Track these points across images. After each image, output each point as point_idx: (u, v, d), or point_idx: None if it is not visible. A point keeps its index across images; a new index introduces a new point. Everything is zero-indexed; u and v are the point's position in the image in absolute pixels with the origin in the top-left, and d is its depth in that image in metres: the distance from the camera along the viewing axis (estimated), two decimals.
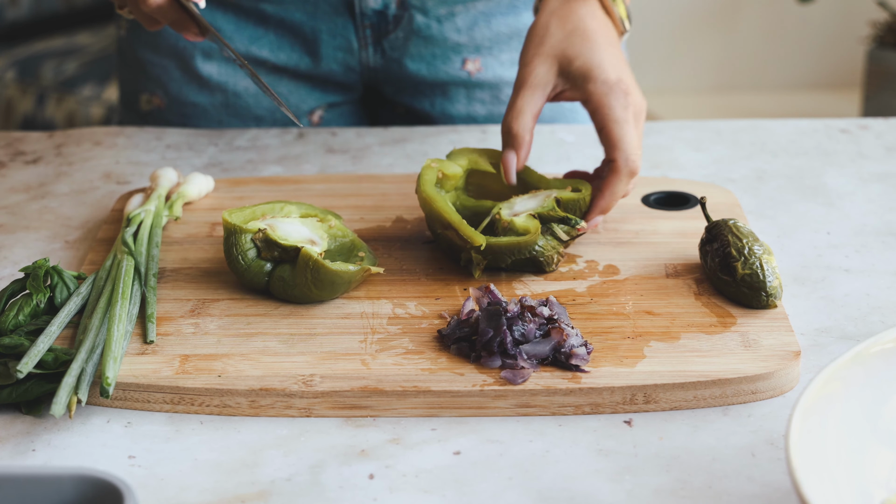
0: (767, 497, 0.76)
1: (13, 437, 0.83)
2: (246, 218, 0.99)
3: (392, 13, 1.30)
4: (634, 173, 1.01)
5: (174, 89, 1.36)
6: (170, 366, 0.88)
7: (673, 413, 0.85)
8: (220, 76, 1.34)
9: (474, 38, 1.32)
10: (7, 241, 1.10)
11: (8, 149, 1.31)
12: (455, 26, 1.31)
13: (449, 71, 1.33)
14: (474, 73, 1.34)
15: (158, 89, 1.37)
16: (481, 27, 1.32)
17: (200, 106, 1.36)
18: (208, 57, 1.33)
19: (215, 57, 1.33)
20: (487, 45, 1.33)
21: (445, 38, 1.32)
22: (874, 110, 2.97)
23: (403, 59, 1.32)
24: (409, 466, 0.80)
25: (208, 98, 1.35)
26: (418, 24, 1.30)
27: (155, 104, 1.38)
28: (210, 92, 1.35)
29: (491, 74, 1.34)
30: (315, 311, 0.95)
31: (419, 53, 1.32)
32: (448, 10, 1.30)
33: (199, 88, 1.35)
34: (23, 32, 3.18)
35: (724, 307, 0.94)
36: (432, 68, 1.33)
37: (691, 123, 1.35)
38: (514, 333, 0.88)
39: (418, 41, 1.31)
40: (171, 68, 1.35)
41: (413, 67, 1.33)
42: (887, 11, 3.04)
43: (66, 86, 2.90)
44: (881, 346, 0.76)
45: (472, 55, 1.33)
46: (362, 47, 1.32)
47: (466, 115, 1.35)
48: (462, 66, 1.33)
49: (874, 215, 1.13)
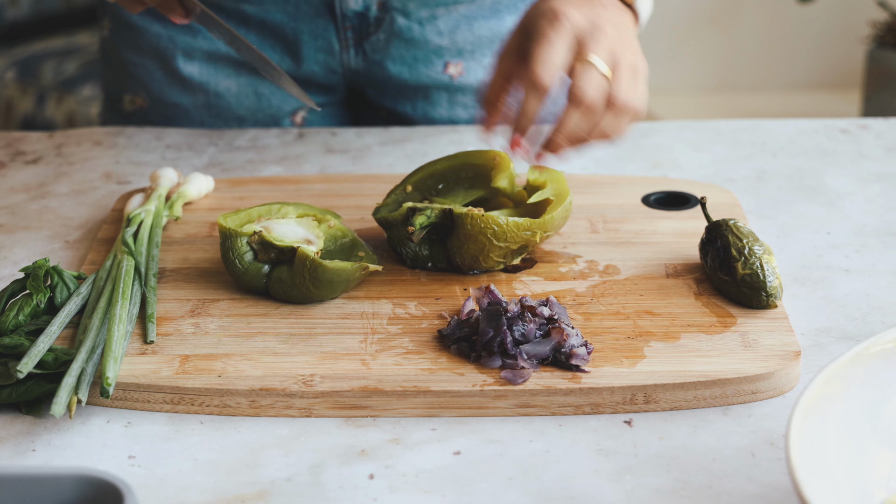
0: (767, 497, 0.76)
1: (13, 437, 0.83)
2: (241, 221, 0.99)
3: (373, 15, 1.29)
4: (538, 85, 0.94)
5: (156, 90, 1.36)
6: (170, 366, 0.88)
7: (673, 413, 0.85)
8: (202, 76, 1.34)
9: (456, 41, 1.32)
10: (7, 241, 1.10)
11: (8, 149, 1.31)
12: (437, 29, 1.31)
13: (431, 74, 1.33)
14: (456, 77, 1.33)
15: (141, 90, 1.37)
16: (463, 31, 1.31)
17: (182, 106, 1.35)
18: (189, 57, 1.33)
19: (196, 57, 1.33)
20: (469, 49, 1.32)
21: (427, 41, 1.31)
22: (874, 110, 2.97)
23: (385, 62, 1.32)
24: (409, 466, 0.80)
25: (190, 98, 1.35)
26: (399, 27, 1.30)
27: (138, 104, 1.38)
28: (192, 92, 1.35)
29: (473, 78, 1.33)
30: (315, 311, 0.95)
31: (401, 56, 1.32)
32: (430, 13, 1.30)
33: (180, 89, 1.35)
34: (23, 32, 3.18)
35: (724, 307, 0.94)
36: (414, 71, 1.33)
37: (691, 123, 1.35)
38: (514, 333, 0.88)
39: (400, 44, 1.31)
40: (153, 69, 1.35)
41: (395, 70, 1.32)
42: (887, 11, 3.04)
43: (66, 86, 2.90)
44: (881, 346, 0.76)
45: (455, 59, 1.32)
46: (343, 49, 1.31)
47: (448, 118, 1.35)
48: (444, 69, 1.33)
49: (874, 215, 1.13)
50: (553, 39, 0.95)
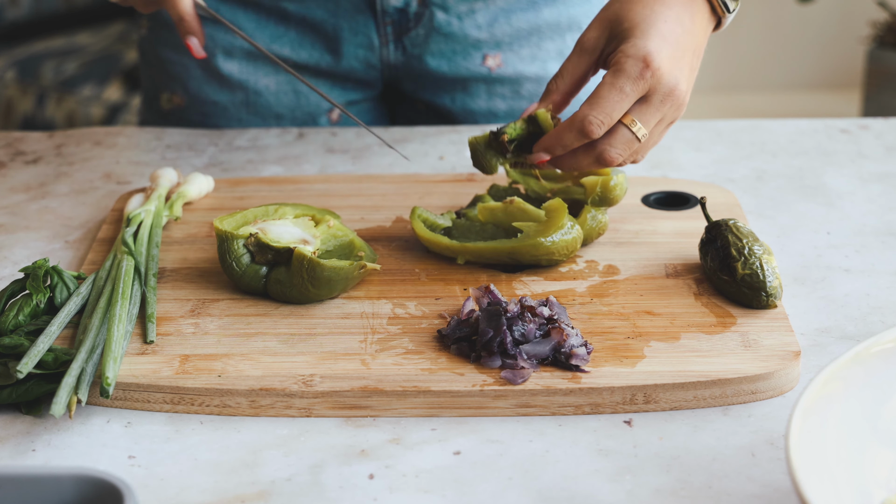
0: (767, 497, 0.76)
1: (13, 437, 0.83)
2: (237, 223, 0.99)
3: (413, 10, 1.30)
4: (585, 133, 0.94)
5: (194, 88, 1.36)
6: (170, 366, 0.88)
7: (673, 413, 0.85)
8: (241, 74, 1.34)
9: (494, 34, 1.33)
10: (7, 241, 1.10)
11: (8, 149, 1.31)
12: (475, 23, 1.32)
13: (469, 67, 1.34)
14: (494, 69, 1.34)
15: (179, 88, 1.38)
16: (501, 23, 1.32)
17: (220, 104, 1.36)
18: (230, 55, 1.34)
19: (236, 55, 1.33)
20: (507, 41, 1.33)
21: (466, 35, 1.32)
22: (874, 110, 2.97)
23: (424, 56, 1.33)
24: (409, 466, 0.80)
25: (229, 96, 1.35)
26: (439, 22, 1.31)
27: (175, 103, 1.39)
28: (231, 90, 1.35)
29: (511, 70, 1.34)
30: (315, 311, 0.95)
31: (439, 50, 1.32)
32: (468, 7, 1.31)
33: (219, 87, 1.35)
34: (23, 32, 3.18)
35: (724, 307, 0.94)
36: (453, 64, 1.33)
37: (691, 123, 1.35)
38: (514, 333, 0.88)
39: (439, 38, 1.32)
40: (191, 67, 1.36)
41: (433, 64, 1.33)
42: (887, 11, 3.04)
43: (66, 86, 2.90)
44: (881, 346, 0.76)
45: (493, 51, 1.33)
46: (383, 45, 1.32)
47: (487, 110, 1.36)
48: (482, 61, 1.33)
49: (874, 215, 1.13)
50: (626, 91, 0.94)
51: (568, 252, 0.99)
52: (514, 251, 0.98)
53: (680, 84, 0.96)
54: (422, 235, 1.02)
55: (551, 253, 0.98)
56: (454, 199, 1.13)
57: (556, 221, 0.98)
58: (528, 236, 0.98)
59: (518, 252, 0.98)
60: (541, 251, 0.98)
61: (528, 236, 0.98)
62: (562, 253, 0.98)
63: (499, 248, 0.99)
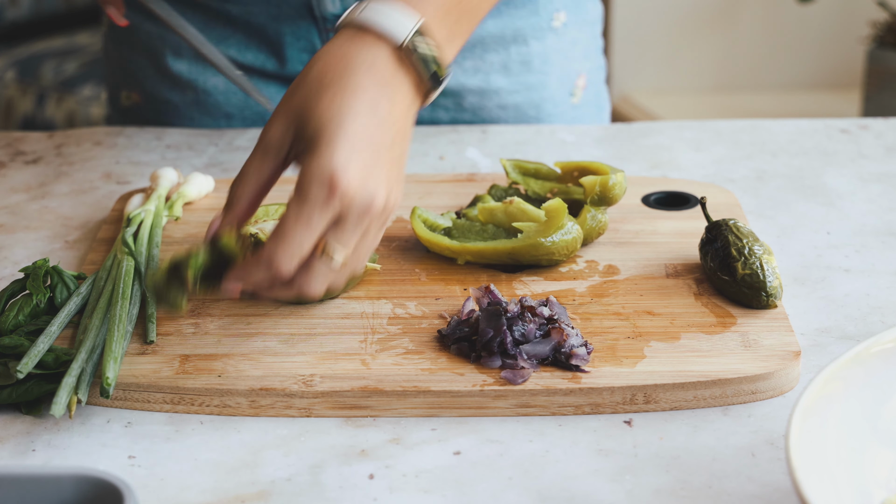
0: (767, 497, 0.76)
1: (13, 437, 0.83)
2: None
3: None
4: (274, 274, 0.83)
5: (149, 86, 1.37)
6: (170, 366, 0.88)
7: (673, 413, 0.85)
8: (191, 73, 1.34)
9: None
10: (7, 241, 1.10)
11: (8, 149, 1.31)
12: None
13: None
14: None
15: (136, 86, 1.39)
16: None
17: (173, 103, 1.36)
18: (178, 55, 1.34)
19: (185, 55, 1.34)
20: None
21: None
22: (874, 110, 2.97)
23: None
24: (409, 466, 0.80)
25: (180, 95, 1.36)
26: None
27: (133, 100, 1.40)
28: (181, 89, 1.35)
29: (454, 82, 1.33)
30: (315, 311, 0.95)
31: None
32: None
33: (171, 86, 1.36)
34: (23, 32, 3.18)
35: (724, 307, 0.94)
36: None
37: (691, 123, 1.35)
38: (514, 333, 0.88)
39: None
40: (145, 65, 1.36)
41: None
42: (887, 11, 3.04)
43: (66, 86, 2.90)
44: (881, 346, 0.76)
45: None
46: None
47: (430, 121, 1.35)
48: None
49: (874, 215, 1.13)
50: (314, 222, 0.82)
51: (568, 252, 0.99)
52: (514, 251, 0.99)
53: (377, 196, 0.84)
54: (422, 236, 1.03)
55: (551, 253, 0.98)
56: (454, 199, 1.13)
57: (556, 221, 0.99)
58: (528, 236, 0.99)
59: (518, 252, 0.98)
60: (541, 251, 0.98)
61: (528, 236, 0.99)
62: (562, 253, 0.99)
63: (499, 249, 0.99)
